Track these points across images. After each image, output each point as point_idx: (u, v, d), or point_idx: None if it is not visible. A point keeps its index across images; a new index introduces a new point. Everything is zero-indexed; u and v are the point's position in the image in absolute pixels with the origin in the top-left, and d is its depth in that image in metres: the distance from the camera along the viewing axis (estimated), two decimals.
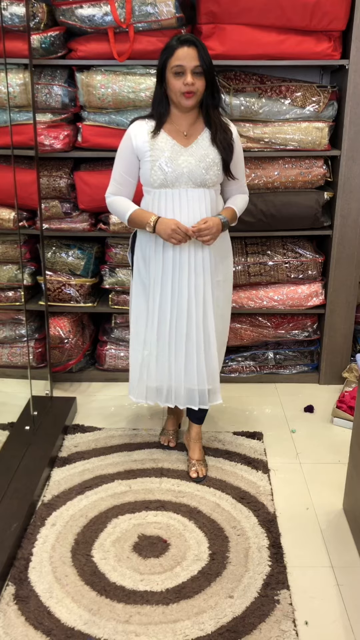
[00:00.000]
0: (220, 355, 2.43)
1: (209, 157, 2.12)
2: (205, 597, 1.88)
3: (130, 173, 2.20)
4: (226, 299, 2.39)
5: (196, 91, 2.04)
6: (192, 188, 2.13)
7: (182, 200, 2.14)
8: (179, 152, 2.11)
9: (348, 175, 2.89)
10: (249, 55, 2.70)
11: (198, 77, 2.03)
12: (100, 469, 2.49)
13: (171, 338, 2.28)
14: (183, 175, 2.11)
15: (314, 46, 2.69)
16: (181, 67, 2.01)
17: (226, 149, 2.13)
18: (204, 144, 2.13)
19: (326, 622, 1.81)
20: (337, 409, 2.89)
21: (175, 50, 2.01)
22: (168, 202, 2.14)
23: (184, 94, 2.04)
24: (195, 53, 2.01)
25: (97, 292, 3.23)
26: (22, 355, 3.20)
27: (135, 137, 2.14)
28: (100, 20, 2.60)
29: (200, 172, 2.11)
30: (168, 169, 2.10)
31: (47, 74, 2.76)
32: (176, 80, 2.03)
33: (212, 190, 2.17)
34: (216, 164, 2.13)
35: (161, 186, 2.13)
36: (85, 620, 1.79)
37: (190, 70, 2.01)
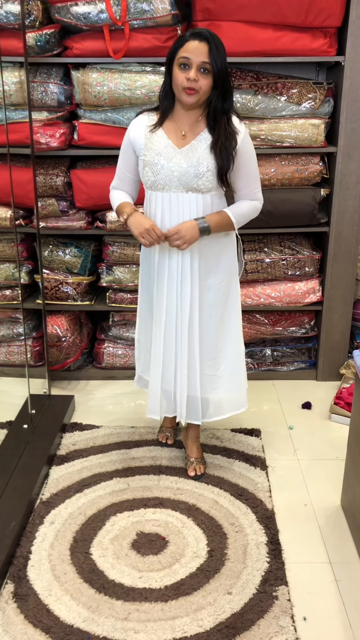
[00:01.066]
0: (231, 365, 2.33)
1: (203, 162, 2.01)
2: (203, 593, 1.89)
3: (129, 169, 2.16)
4: (231, 304, 2.28)
5: (199, 89, 1.92)
6: (183, 192, 2.05)
7: (172, 204, 2.06)
8: (171, 153, 2.02)
9: (344, 172, 2.89)
10: (244, 52, 2.70)
11: (204, 75, 1.91)
12: (98, 466, 2.49)
13: (166, 341, 2.24)
14: (174, 179, 2.03)
15: (309, 43, 2.69)
16: (187, 60, 1.89)
17: (224, 157, 1.99)
18: (200, 147, 2.02)
19: (324, 617, 1.82)
20: (334, 405, 2.89)
21: (186, 42, 1.90)
22: (158, 205, 2.09)
23: (185, 90, 1.92)
24: (206, 49, 1.88)
25: (95, 290, 3.23)
26: (20, 353, 3.20)
27: (133, 132, 2.09)
28: (95, 17, 2.59)
29: (192, 177, 2.02)
30: (158, 171, 2.03)
31: (42, 72, 2.75)
32: (180, 73, 1.91)
33: (208, 195, 2.07)
34: (210, 170, 2.01)
35: (152, 187, 2.07)
36: (84, 618, 1.80)
37: (196, 66, 1.89)
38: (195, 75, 1.90)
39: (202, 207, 2.08)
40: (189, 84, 1.91)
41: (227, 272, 2.25)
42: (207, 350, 2.27)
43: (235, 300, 2.30)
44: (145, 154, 2.06)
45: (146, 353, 2.40)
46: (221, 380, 2.33)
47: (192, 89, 1.92)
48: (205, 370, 2.28)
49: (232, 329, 2.32)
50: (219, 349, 2.30)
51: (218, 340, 2.29)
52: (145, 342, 2.40)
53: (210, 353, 2.28)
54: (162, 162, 2.03)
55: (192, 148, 2.03)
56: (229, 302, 2.28)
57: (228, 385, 2.35)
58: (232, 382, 2.35)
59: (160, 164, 2.03)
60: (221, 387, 2.34)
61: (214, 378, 2.31)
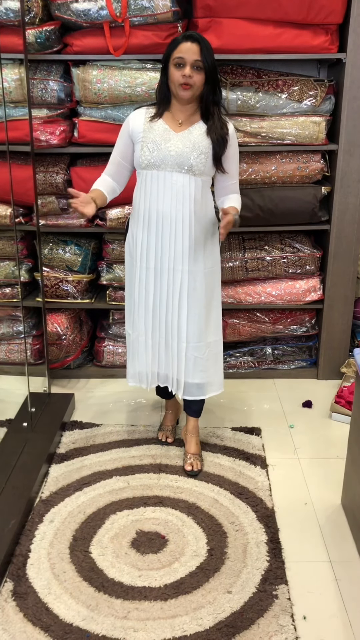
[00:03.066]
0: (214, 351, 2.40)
1: (198, 145, 2.15)
2: (203, 592, 1.88)
3: (124, 156, 2.27)
4: (214, 290, 2.37)
5: (193, 84, 2.11)
6: (178, 172, 2.17)
7: (166, 183, 2.18)
8: (169, 136, 2.16)
9: (345, 170, 2.88)
10: (245, 49, 2.69)
11: (197, 71, 2.10)
12: (98, 465, 2.49)
13: (154, 321, 2.33)
14: (170, 158, 2.15)
15: (310, 40, 2.68)
16: (182, 59, 2.09)
17: (219, 141, 2.17)
18: (196, 132, 2.17)
19: (324, 616, 1.81)
20: (335, 404, 2.88)
21: (179, 44, 2.10)
22: (153, 184, 2.19)
23: (181, 85, 2.11)
24: (198, 49, 2.09)
25: (95, 289, 3.22)
26: (20, 352, 3.19)
27: (132, 121, 2.22)
28: (95, 14, 2.58)
29: (187, 156, 2.14)
30: (156, 149, 2.15)
31: (42, 69, 2.74)
32: (176, 71, 2.11)
33: (200, 179, 2.19)
34: (204, 152, 2.16)
35: (148, 167, 2.18)
36: (84, 616, 1.79)
37: (190, 64, 2.09)
38: (190, 72, 2.09)
39: (193, 189, 2.20)
40: (185, 80, 2.10)
41: (213, 261, 2.34)
42: (194, 333, 2.32)
43: (218, 287, 2.41)
44: (144, 136, 2.18)
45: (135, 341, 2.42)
46: (207, 364, 2.37)
47: (187, 85, 2.11)
48: (192, 352, 2.33)
49: (216, 317, 2.41)
50: (206, 334, 2.35)
51: (205, 324, 2.34)
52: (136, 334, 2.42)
53: (197, 335, 2.32)
54: (160, 142, 2.17)
55: (189, 133, 2.19)
56: (214, 290, 2.37)
57: (212, 369, 2.40)
58: (215, 366, 2.42)
59: (158, 144, 2.17)
60: (207, 371, 2.38)
61: (199, 360, 2.35)
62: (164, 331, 2.34)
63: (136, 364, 2.42)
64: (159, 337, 2.35)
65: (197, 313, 2.30)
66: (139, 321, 2.35)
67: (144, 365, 2.39)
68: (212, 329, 2.38)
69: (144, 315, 2.34)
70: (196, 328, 2.31)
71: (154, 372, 2.41)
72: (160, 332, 2.34)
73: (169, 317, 2.31)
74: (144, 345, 2.37)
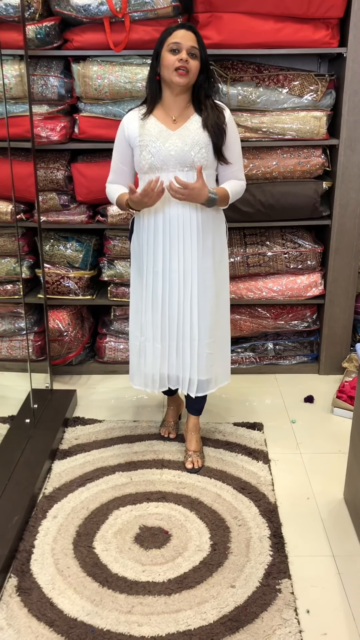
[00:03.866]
0: (221, 344, 2.39)
1: (197, 140, 2.10)
2: (207, 587, 1.89)
3: (125, 162, 2.23)
4: (223, 282, 2.35)
5: (189, 70, 2.05)
6: (181, 171, 2.12)
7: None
8: (166, 135, 2.11)
9: (347, 165, 2.88)
10: (246, 44, 2.68)
11: (193, 58, 2.06)
12: (101, 461, 2.49)
13: (164, 324, 2.28)
14: (171, 158, 2.10)
15: (311, 34, 2.67)
16: (178, 45, 2.04)
17: (217, 132, 2.12)
18: (192, 127, 2.12)
19: (327, 610, 1.82)
20: (337, 399, 2.89)
21: (174, 31, 2.07)
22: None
23: (177, 71, 2.04)
24: (193, 37, 2.06)
25: (96, 285, 3.22)
26: (22, 348, 3.19)
27: (127, 126, 2.18)
28: (95, 9, 2.57)
29: (187, 154, 2.10)
30: (155, 151, 2.10)
31: (42, 65, 2.74)
32: (171, 56, 2.05)
33: (204, 174, 2.11)
34: (205, 146, 2.11)
35: (150, 170, 2.13)
36: (88, 611, 1.80)
37: (186, 49, 2.04)
38: (186, 57, 2.04)
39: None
40: (181, 64, 2.04)
41: (221, 255, 2.31)
42: (207, 330, 2.30)
43: (225, 280, 2.38)
44: (141, 139, 2.13)
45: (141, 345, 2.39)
46: (215, 358, 2.36)
47: (184, 69, 2.05)
48: (204, 349, 2.31)
49: (224, 310, 2.39)
50: (217, 327, 2.34)
51: (215, 320, 2.32)
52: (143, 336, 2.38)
53: (209, 332, 2.31)
54: (158, 144, 2.11)
55: (185, 129, 2.13)
56: (222, 284, 2.35)
57: (220, 361, 2.40)
58: (223, 359, 2.42)
59: (157, 146, 2.11)
60: (214, 365, 2.37)
61: (210, 357, 2.34)
62: (175, 333, 2.28)
63: (142, 368, 2.37)
64: (169, 340, 2.30)
65: (207, 311, 2.27)
66: (146, 325, 2.31)
67: (150, 369, 2.35)
68: (221, 322, 2.36)
69: (151, 319, 2.29)
70: (207, 325, 2.28)
71: (162, 375, 2.36)
72: (170, 335, 2.29)
73: (180, 318, 2.26)
74: (152, 349, 2.32)
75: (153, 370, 2.35)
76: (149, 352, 2.34)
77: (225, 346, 2.42)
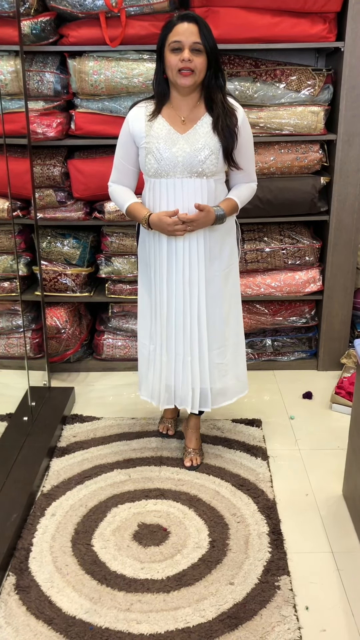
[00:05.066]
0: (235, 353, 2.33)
1: (207, 145, 2.00)
2: (205, 584, 1.89)
3: (129, 160, 2.14)
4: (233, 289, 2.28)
5: (194, 69, 1.93)
6: (188, 178, 2.03)
7: (176, 190, 2.05)
8: (174, 139, 2.01)
9: (344, 160, 2.87)
10: (243, 39, 2.67)
11: (197, 54, 1.92)
12: (99, 458, 2.49)
13: (169, 333, 2.23)
14: (178, 165, 2.01)
15: (308, 28, 2.66)
16: (179, 43, 1.91)
17: (228, 137, 2.00)
18: (202, 130, 2.01)
19: (326, 607, 1.82)
20: (335, 395, 2.88)
21: (175, 26, 1.93)
22: (162, 192, 2.06)
23: (180, 72, 1.93)
24: (196, 29, 1.91)
25: (94, 282, 3.21)
26: (19, 346, 3.19)
27: (132, 123, 2.07)
28: (91, 4, 2.56)
29: (196, 161, 2.01)
30: (162, 157, 2.01)
31: (38, 60, 2.72)
32: (173, 57, 1.93)
33: (212, 179, 2.06)
34: (215, 152, 2.01)
35: (156, 175, 2.05)
36: (87, 609, 1.80)
37: (188, 47, 1.91)
38: (189, 56, 1.91)
39: (206, 192, 2.07)
40: (184, 64, 1.92)
41: (229, 258, 2.24)
42: (216, 339, 2.26)
43: (236, 287, 2.31)
44: (147, 142, 2.04)
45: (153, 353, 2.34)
46: (227, 368, 2.32)
47: (187, 69, 1.93)
48: (214, 359, 2.27)
49: (235, 316, 2.33)
50: (226, 337, 2.29)
51: (225, 328, 2.28)
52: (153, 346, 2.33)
53: (218, 341, 2.27)
54: (165, 149, 2.01)
55: (195, 132, 2.02)
56: (232, 289, 2.28)
57: (233, 372, 2.35)
58: (237, 368, 2.37)
59: (163, 151, 2.01)
60: (228, 374, 2.34)
61: (221, 366, 2.30)
62: (182, 343, 2.21)
63: (151, 378, 2.33)
64: (175, 351, 2.23)
65: (216, 320, 2.22)
66: (155, 333, 2.26)
67: (157, 383, 2.31)
68: (232, 331, 2.30)
69: (159, 327, 2.23)
70: (217, 334, 2.23)
71: (169, 387, 2.30)
72: (177, 345, 2.23)
73: (187, 328, 2.19)
74: (159, 360, 2.27)
75: (160, 384, 2.31)
76: (157, 362, 2.29)
77: (239, 356, 2.35)
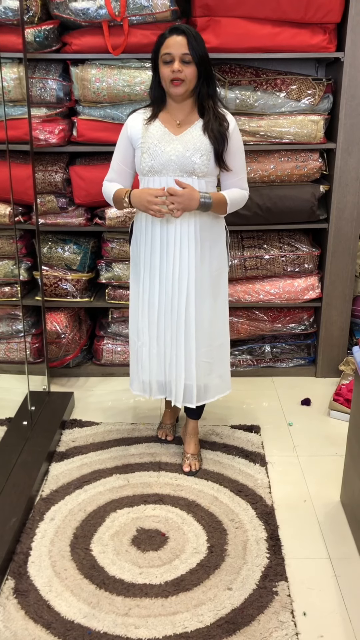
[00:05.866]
0: (220, 353, 2.38)
1: (199, 146, 2.09)
2: (204, 589, 1.89)
3: (126, 162, 2.21)
4: (221, 291, 2.33)
5: (184, 78, 2.03)
6: (181, 176, 2.11)
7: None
8: (168, 139, 2.10)
9: (344, 168, 2.89)
10: (244, 48, 2.69)
11: (187, 65, 2.03)
12: (98, 463, 2.49)
13: (159, 330, 2.28)
14: (171, 163, 2.10)
15: (309, 39, 2.69)
16: (170, 55, 2.02)
17: (218, 138, 2.09)
18: (196, 133, 2.11)
19: (324, 612, 1.82)
20: (334, 401, 2.89)
21: (166, 39, 2.04)
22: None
23: (172, 82, 2.04)
24: (185, 41, 2.01)
25: (94, 287, 3.23)
26: (19, 350, 3.19)
27: (131, 127, 2.17)
28: (94, 13, 2.58)
29: (188, 161, 2.09)
30: (156, 154, 2.10)
31: (41, 68, 2.75)
32: (165, 68, 2.04)
33: (203, 180, 2.13)
34: (206, 153, 2.10)
35: (150, 173, 2.13)
36: (85, 614, 1.80)
37: (178, 58, 2.02)
38: (179, 67, 2.02)
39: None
40: (175, 75, 2.03)
41: (219, 262, 2.29)
42: (203, 338, 2.29)
43: (225, 289, 2.37)
44: (143, 142, 2.12)
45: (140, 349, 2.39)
46: (212, 367, 2.36)
47: (178, 79, 2.04)
48: (201, 357, 2.31)
49: (222, 318, 2.37)
50: (213, 337, 2.33)
51: (212, 328, 2.32)
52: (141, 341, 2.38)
53: (206, 340, 2.30)
54: (159, 147, 2.10)
55: (188, 134, 2.12)
56: (220, 291, 2.33)
57: (217, 371, 2.39)
58: (221, 368, 2.41)
59: (158, 149, 2.10)
60: (212, 373, 2.37)
61: (206, 364, 2.33)
62: (170, 339, 2.28)
63: (140, 373, 2.38)
64: (164, 346, 2.30)
65: (204, 318, 2.26)
66: (143, 330, 2.31)
67: (147, 375, 2.35)
68: (219, 331, 2.35)
69: (147, 323, 2.29)
70: (205, 333, 2.28)
71: (159, 381, 2.36)
72: (165, 341, 2.29)
73: (174, 325, 2.25)
74: (147, 354, 2.33)
75: (150, 377, 2.35)
76: (145, 358, 2.34)
77: (224, 356, 2.41)
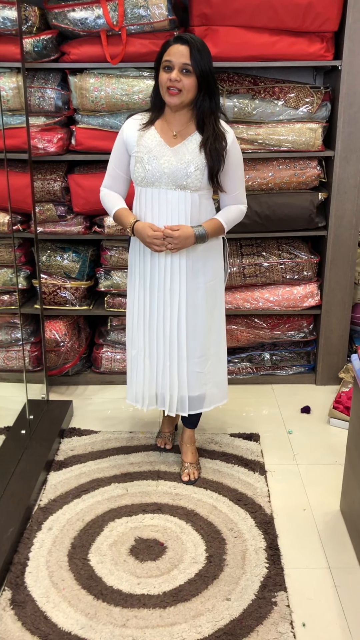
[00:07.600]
0: (215, 363, 2.38)
1: (193, 161, 2.06)
2: (202, 599, 1.88)
3: (121, 167, 2.21)
4: (217, 301, 2.32)
5: (182, 88, 1.99)
6: (173, 189, 2.09)
7: (161, 200, 2.11)
8: (163, 151, 2.08)
9: (342, 176, 2.89)
10: (242, 57, 2.70)
11: (186, 75, 1.99)
12: (96, 472, 2.48)
13: (152, 339, 2.28)
14: (164, 175, 2.08)
15: (306, 47, 2.70)
16: (170, 62, 1.99)
17: (215, 157, 2.06)
18: (190, 147, 2.08)
19: (324, 623, 1.81)
20: (333, 409, 2.88)
21: (169, 47, 2.01)
22: (148, 201, 2.13)
23: (168, 90, 2.01)
24: (187, 51, 1.97)
25: (93, 295, 3.22)
26: (18, 359, 3.19)
27: (126, 132, 2.15)
28: (92, 23, 2.60)
29: (181, 174, 2.07)
30: (149, 166, 2.08)
31: (40, 77, 2.76)
32: (164, 75, 2.01)
33: (197, 194, 2.11)
34: (200, 169, 2.07)
35: (142, 184, 2.12)
36: (82, 625, 1.79)
37: (178, 67, 1.98)
38: (177, 76, 1.99)
39: (190, 205, 2.12)
40: (171, 84, 2.00)
41: (214, 273, 2.28)
42: (196, 348, 2.29)
43: (221, 300, 2.36)
44: (137, 150, 2.11)
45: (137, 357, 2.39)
46: (208, 377, 2.35)
47: (175, 88, 2.00)
48: (193, 368, 2.30)
49: (218, 327, 2.36)
50: (207, 347, 2.32)
51: (207, 338, 2.31)
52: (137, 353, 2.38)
53: (199, 350, 2.30)
54: (153, 159, 2.08)
55: (183, 147, 2.09)
56: (216, 302, 2.33)
57: (213, 380, 2.38)
58: (217, 377, 2.40)
59: (151, 161, 2.08)
60: (208, 383, 2.36)
61: (201, 375, 2.33)
62: (162, 350, 2.28)
63: (134, 384, 2.38)
64: (157, 356, 2.29)
65: (197, 329, 2.26)
66: (137, 339, 2.31)
67: (141, 386, 2.35)
68: (214, 341, 2.34)
69: (142, 333, 2.29)
70: (197, 343, 2.27)
71: (151, 394, 2.36)
72: (158, 351, 2.28)
73: (167, 335, 2.25)
74: (142, 364, 2.32)
75: (143, 388, 2.35)
76: (140, 368, 2.34)
77: (220, 366, 2.40)
